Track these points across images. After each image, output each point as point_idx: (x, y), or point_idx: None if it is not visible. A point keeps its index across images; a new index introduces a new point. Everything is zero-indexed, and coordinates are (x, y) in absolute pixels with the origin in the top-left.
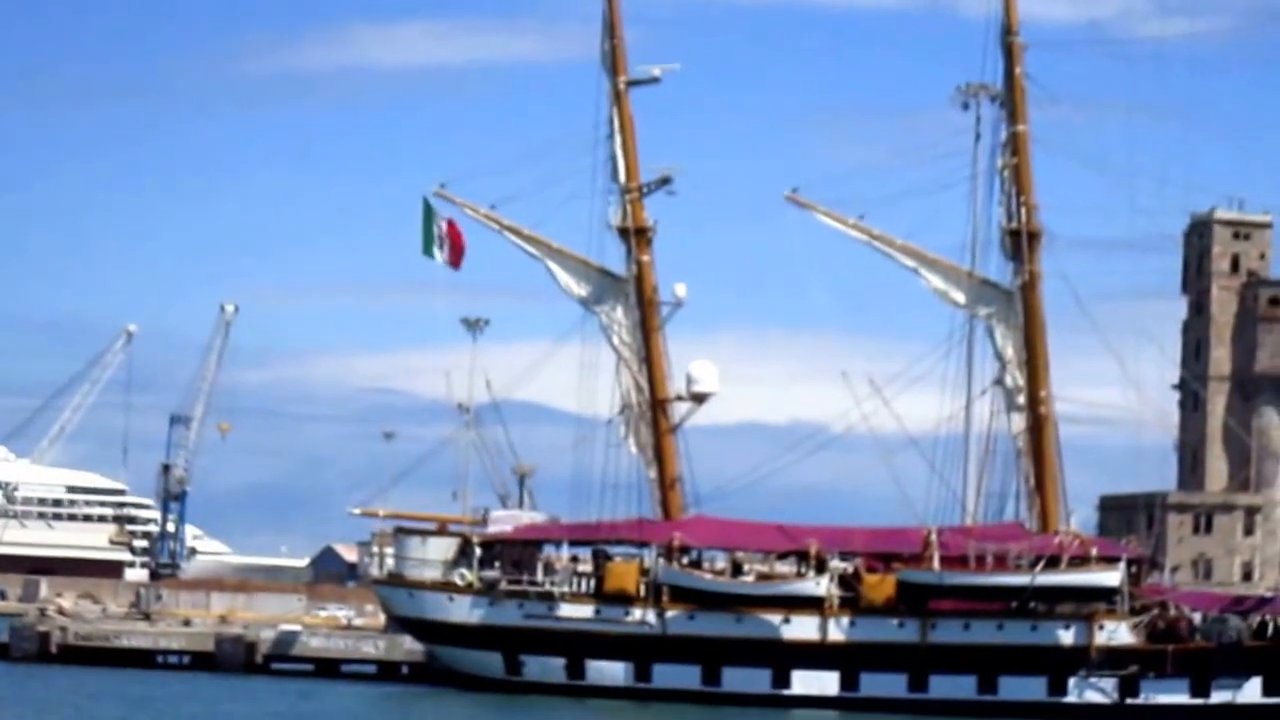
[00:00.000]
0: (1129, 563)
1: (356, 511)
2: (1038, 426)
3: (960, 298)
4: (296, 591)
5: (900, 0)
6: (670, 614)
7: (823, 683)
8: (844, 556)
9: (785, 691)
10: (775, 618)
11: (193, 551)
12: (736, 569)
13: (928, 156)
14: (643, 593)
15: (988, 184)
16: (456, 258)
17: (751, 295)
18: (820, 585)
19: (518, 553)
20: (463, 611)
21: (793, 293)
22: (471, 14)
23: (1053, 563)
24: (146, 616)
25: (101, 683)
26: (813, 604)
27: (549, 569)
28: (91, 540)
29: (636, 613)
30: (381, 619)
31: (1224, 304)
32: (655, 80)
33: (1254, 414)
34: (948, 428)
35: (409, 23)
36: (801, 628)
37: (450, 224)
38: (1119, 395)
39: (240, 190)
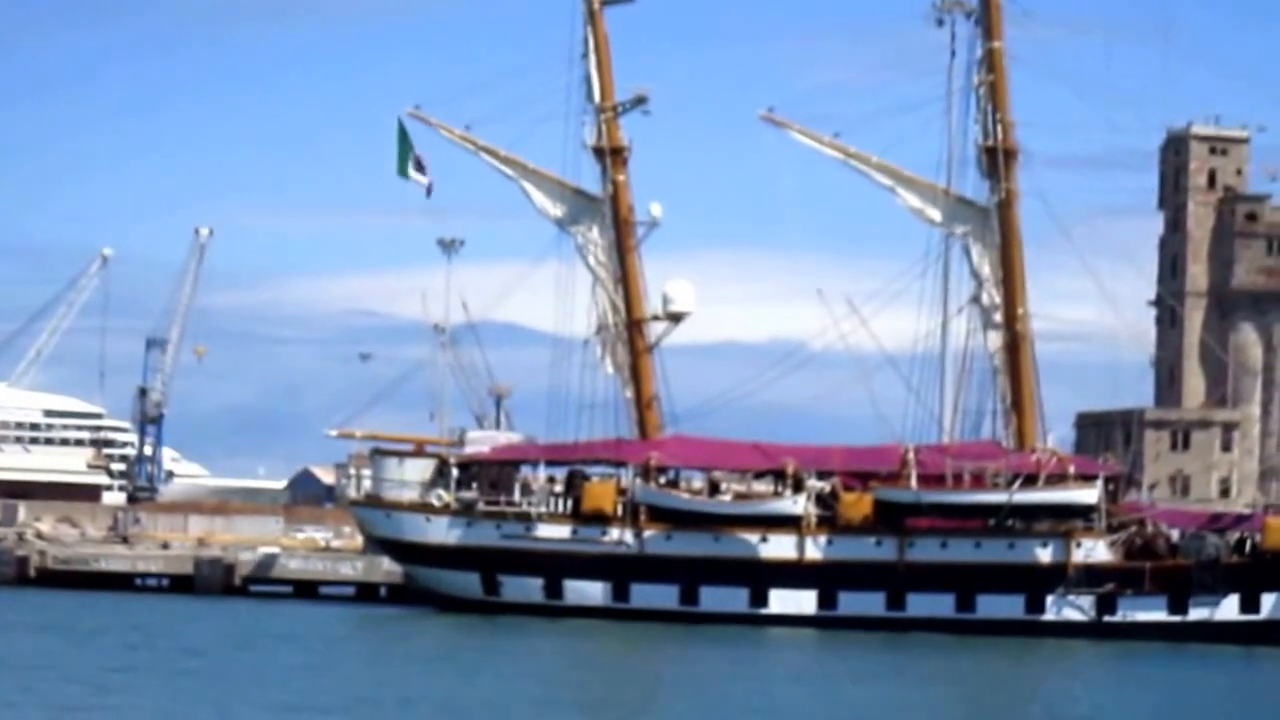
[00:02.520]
0: (1106, 480)
1: (333, 433)
2: (1014, 344)
3: (936, 216)
4: (274, 514)
5: None
6: (648, 534)
7: (800, 601)
8: (821, 475)
9: (763, 610)
10: (753, 537)
11: (170, 474)
12: (714, 488)
13: (903, 74)
14: (620, 513)
15: (964, 101)
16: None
17: (727, 214)
18: (798, 504)
19: (495, 473)
20: (440, 532)
21: (769, 212)
22: None
23: (1030, 480)
24: (125, 540)
25: (81, 606)
26: (790, 523)
27: (526, 489)
28: (69, 464)
29: (614, 533)
30: (359, 540)
31: (1201, 219)
32: None
33: (1231, 330)
34: (924, 346)
35: None
36: (779, 547)
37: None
38: (1095, 312)
39: (214, 113)
